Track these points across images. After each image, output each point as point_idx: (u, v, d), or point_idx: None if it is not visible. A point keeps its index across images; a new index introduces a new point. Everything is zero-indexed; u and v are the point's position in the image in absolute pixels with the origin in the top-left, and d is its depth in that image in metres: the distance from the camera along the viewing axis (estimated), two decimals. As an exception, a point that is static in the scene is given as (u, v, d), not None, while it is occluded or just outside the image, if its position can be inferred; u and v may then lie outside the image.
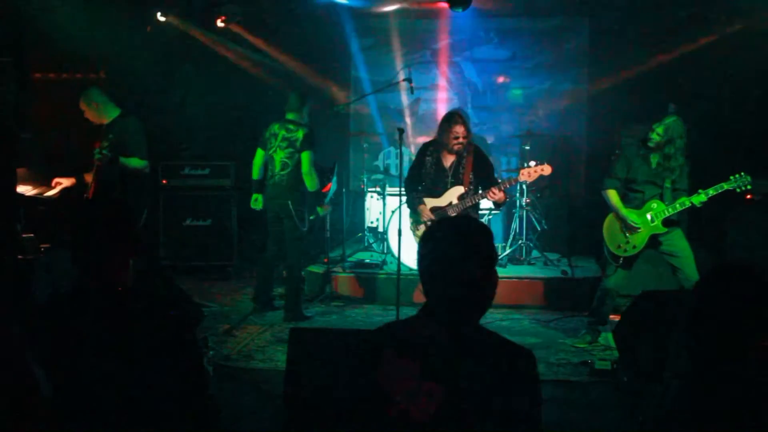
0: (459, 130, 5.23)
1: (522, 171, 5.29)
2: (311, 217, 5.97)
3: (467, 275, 1.84)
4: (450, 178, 5.36)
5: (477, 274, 1.85)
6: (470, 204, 5.29)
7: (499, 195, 5.17)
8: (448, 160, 5.37)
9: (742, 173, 4.88)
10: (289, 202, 5.88)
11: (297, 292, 6.14)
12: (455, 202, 5.30)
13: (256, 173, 6.09)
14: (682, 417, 1.87)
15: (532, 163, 5.26)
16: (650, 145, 5.06)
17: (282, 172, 5.92)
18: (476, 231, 1.92)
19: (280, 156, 5.92)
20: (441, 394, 1.77)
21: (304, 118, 6.01)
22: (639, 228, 5.06)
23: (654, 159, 5.11)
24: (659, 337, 3.80)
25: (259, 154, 6.05)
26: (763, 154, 6.57)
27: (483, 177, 5.35)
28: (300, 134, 5.87)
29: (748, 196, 6.46)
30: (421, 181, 5.46)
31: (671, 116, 5.09)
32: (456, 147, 5.27)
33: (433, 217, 5.33)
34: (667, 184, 5.06)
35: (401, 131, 5.65)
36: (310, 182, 5.87)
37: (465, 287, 1.84)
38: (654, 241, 5.13)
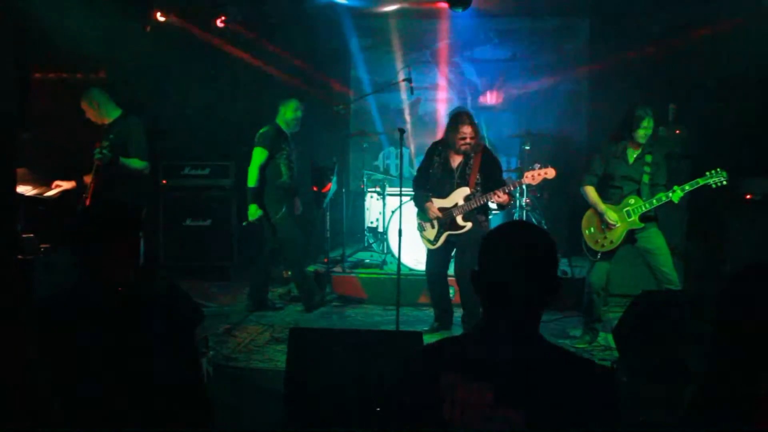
0: (466, 130, 5.19)
1: (526, 174, 5.24)
2: (243, 223, 6.06)
3: (534, 279, 1.71)
4: (456, 178, 5.31)
5: (544, 276, 1.73)
6: (476, 205, 5.25)
7: (503, 197, 5.14)
8: (456, 161, 5.33)
9: (718, 169, 4.93)
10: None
11: (304, 288, 6.27)
12: (461, 203, 5.27)
13: None
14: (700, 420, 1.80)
15: (537, 166, 5.22)
16: (641, 140, 5.07)
17: None
18: (537, 236, 1.79)
19: None
20: (521, 420, 1.62)
21: (282, 121, 6.09)
22: (616, 224, 5.10)
23: (632, 155, 5.14)
24: (659, 337, 3.80)
25: None
26: (763, 154, 6.57)
27: (490, 178, 5.30)
28: (258, 133, 6.04)
29: (748, 196, 6.47)
30: (429, 180, 5.43)
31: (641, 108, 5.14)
32: (463, 147, 5.23)
33: (440, 214, 5.30)
34: (645, 180, 5.11)
35: (402, 131, 5.65)
36: (249, 177, 5.98)
37: (519, 295, 1.70)
38: (631, 236, 5.15)
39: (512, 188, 5.26)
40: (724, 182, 4.93)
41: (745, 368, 1.74)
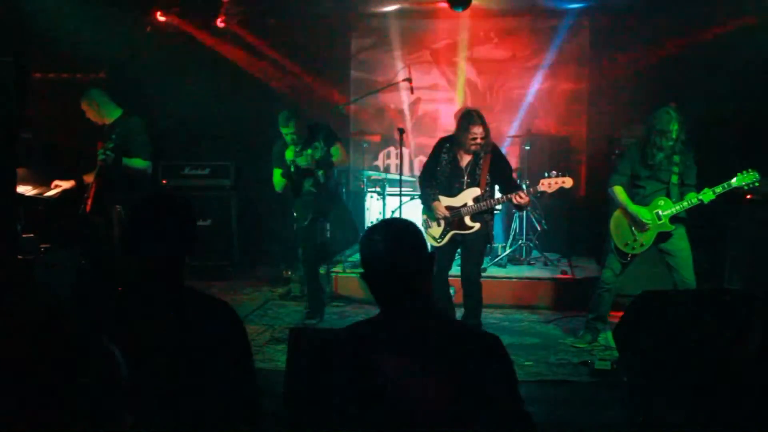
0: (477, 130, 5.13)
1: (542, 181, 5.18)
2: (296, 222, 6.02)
3: (403, 268, 1.97)
4: (466, 178, 5.27)
5: (411, 264, 1.99)
6: (486, 207, 5.22)
7: (525, 199, 5.11)
8: (465, 159, 5.28)
9: (750, 170, 4.85)
10: None
11: (312, 300, 6.11)
12: (470, 203, 5.22)
13: None
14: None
15: (553, 174, 5.16)
16: (674, 136, 4.98)
17: None
18: (403, 226, 2.10)
19: None
20: (447, 385, 1.83)
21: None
22: (648, 225, 5.06)
23: (658, 155, 5.08)
24: (659, 337, 3.80)
25: None
26: (763, 154, 6.57)
27: (500, 179, 5.27)
28: None
29: (748, 196, 6.46)
30: (436, 177, 5.37)
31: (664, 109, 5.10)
32: (473, 147, 5.18)
33: (447, 214, 5.25)
34: (674, 180, 5.05)
35: (401, 131, 5.63)
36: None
37: (404, 278, 1.97)
38: (659, 238, 5.13)
39: (532, 192, 5.22)
40: (757, 184, 4.85)
41: None
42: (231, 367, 2.17)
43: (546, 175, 5.25)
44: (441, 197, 5.30)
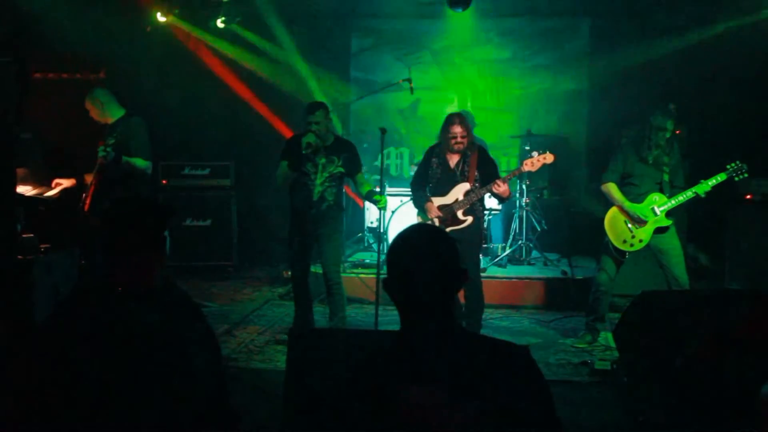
0: (456, 130, 5.27)
1: (525, 162, 5.26)
2: None
3: (435, 279, 1.80)
4: (457, 176, 5.37)
5: (442, 275, 1.83)
6: (476, 199, 5.30)
7: (503, 187, 5.14)
8: (453, 160, 5.39)
9: (738, 161, 4.95)
10: None
11: None
12: (461, 198, 5.32)
13: None
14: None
15: (534, 153, 5.24)
16: (668, 136, 5.12)
17: None
18: (436, 237, 1.93)
19: None
20: (475, 410, 1.70)
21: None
22: (645, 221, 5.08)
23: (651, 155, 5.14)
24: (659, 337, 3.80)
25: None
26: (763, 154, 6.57)
27: (487, 174, 5.36)
28: None
29: (748, 196, 6.47)
30: (428, 182, 5.49)
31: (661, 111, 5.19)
32: (456, 147, 5.29)
33: (440, 214, 5.33)
34: (665, 178, 5.12)
35: (383, 131, 5.60)
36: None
37: (435, 291, 1.80)
38: (656, 234, 5.14)
39: (511, 177, 5.28)
40: (746, 174, 4.95)
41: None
42: (201, 367, 2.17)
43: (528, 155, 5.29)
44: (433, 198, 5.38)
